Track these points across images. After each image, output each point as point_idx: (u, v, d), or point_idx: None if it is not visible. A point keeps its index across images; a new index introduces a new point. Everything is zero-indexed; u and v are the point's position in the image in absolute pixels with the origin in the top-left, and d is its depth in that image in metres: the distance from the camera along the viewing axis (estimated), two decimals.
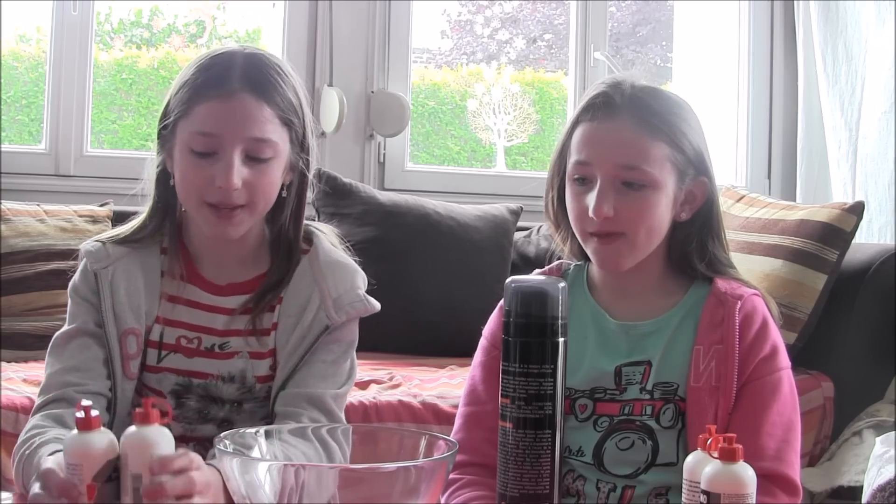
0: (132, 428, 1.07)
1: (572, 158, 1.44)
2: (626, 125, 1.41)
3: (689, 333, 1.44)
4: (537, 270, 1.57)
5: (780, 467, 1.37)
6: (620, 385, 1.42)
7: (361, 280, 1.50)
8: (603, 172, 1.41)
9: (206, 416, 1.44)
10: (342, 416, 1.45)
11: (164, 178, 1.46)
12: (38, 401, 1.42)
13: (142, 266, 1.46)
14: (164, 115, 1.44)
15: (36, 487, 1.06)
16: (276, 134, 1.41)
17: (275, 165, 1.42)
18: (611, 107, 1.42)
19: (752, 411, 1.39)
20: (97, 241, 1.50)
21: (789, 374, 1.44)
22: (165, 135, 1.44)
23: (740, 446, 1.07)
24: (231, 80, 1.40)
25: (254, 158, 1.39)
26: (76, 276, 1.49)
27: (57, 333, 1.47)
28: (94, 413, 1.06)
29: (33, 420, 1.39)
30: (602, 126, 1.42)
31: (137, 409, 1.08)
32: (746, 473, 1.06)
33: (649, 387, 1.42)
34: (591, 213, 1.40)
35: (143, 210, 1.50)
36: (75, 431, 1.06)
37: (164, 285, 1.47)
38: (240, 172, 1.38)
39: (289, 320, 1.45)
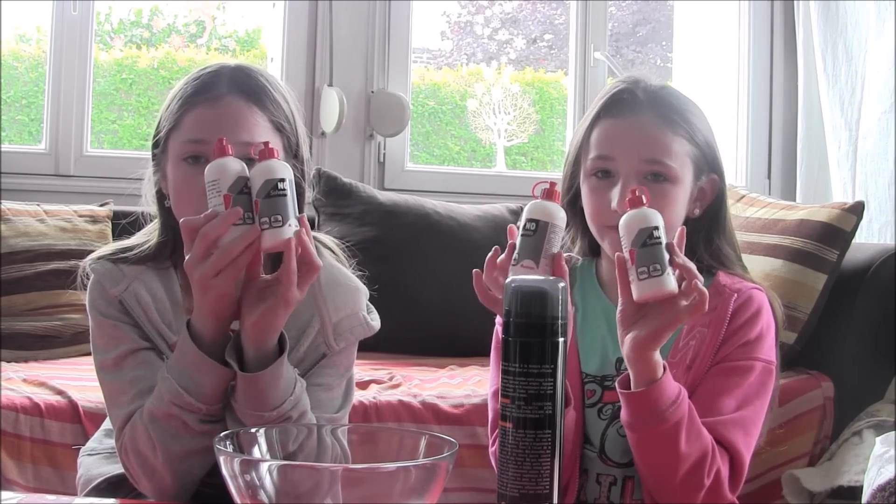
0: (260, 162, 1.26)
1: (592, 154, 1.46)
2: (650, 120, 1.44)
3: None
4: None
5: (726, 433, 1.36)
6: (619, 372, 1.45)
7: (364, 298, 1.48)
8: (627, 166, 1.43)
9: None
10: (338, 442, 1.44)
11: (161, 198, 1.45)
12: (118, 422, 1.37)
13: (161, 282, 1.44)
14: (156, 132, 1.44)
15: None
16: (268, 138, 1.39)
17: None
18: (633, 103, 1.45)
19: (711, 389, 1.40)
20: (104, 259, 1.45)
21: (767, 368, 1.44)
22: (158, 154, 1.44)
23: (644, 196, 1.25)
24: (219, 85, 1.39)
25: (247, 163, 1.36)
26: (95, 298, 1.43)
27: (103, 358, 1.41)
28: (226, 144, 1.27)
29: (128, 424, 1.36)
30: (626, 121, 1.45)
31: (260, 149, 1.26)
32: (655, 213, 1.25)
33: None
34: (614, 206, 1.41)
35: (152, 230, 1.48)
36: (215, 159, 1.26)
37: (187, 302, 1.44)
38: None
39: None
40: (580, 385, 1.46)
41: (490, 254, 1.32)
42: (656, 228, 1.23)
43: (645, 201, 1.26)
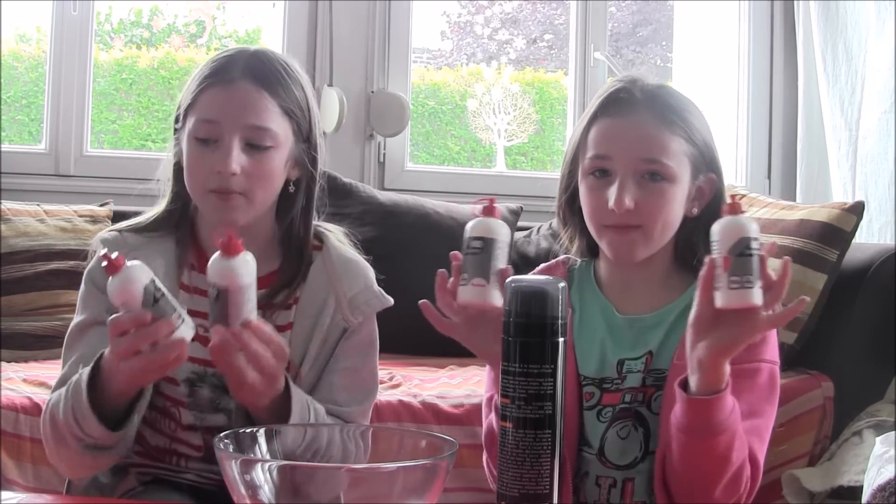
0: (216, 256, 1.18)
1: (589, 153, 1.46)
2: (647, 120, 1.43)
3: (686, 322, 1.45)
4: (543, 265, 1.58)
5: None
6: (621, 374, 1.45)
7: (373, 274, 1.53)
8: (624, 166, 1.42)
9: (218, 406, 1.44)
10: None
11: (179, 173, 1.49)
12: (53, 385, 1.43)
13: (160, 255, 1.47)
14: (177, 108, 1.48)
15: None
16: (277, 124, 1.43)
17: (275, 156, 1.44)
18: (630, 102, 1.44)
19: None
20: (113, 230, 1.51)
21: (772, 369, 1.43)
22: (178, 129, 1.48)
23: (741, 202, 1.18)
24: (233, 69, 1.43)
25: (254, 147, 1.41)
26: (93, 266, 1.48)
27: (71, 326, 1.48)
28: (116, 255, 1.18)
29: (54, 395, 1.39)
30: (622, 121, 1.44)
31: (220, 240, 1.18)
32: (751, 223, 1.18)
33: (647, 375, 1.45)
34: (611, 205, 1.41)
35: (161, 202, 1.52)
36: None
37: (182, 275, 1.49)
38: (238, 159, 1.40)
39: (306, 321, 1.46)
40: (577, 387, 1.46)
41: (437, 280, 1.29)
42: (755, 239, 1.18)
43: (744, 209, 1.21)
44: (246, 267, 1.19)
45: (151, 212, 1.53)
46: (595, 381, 1.46)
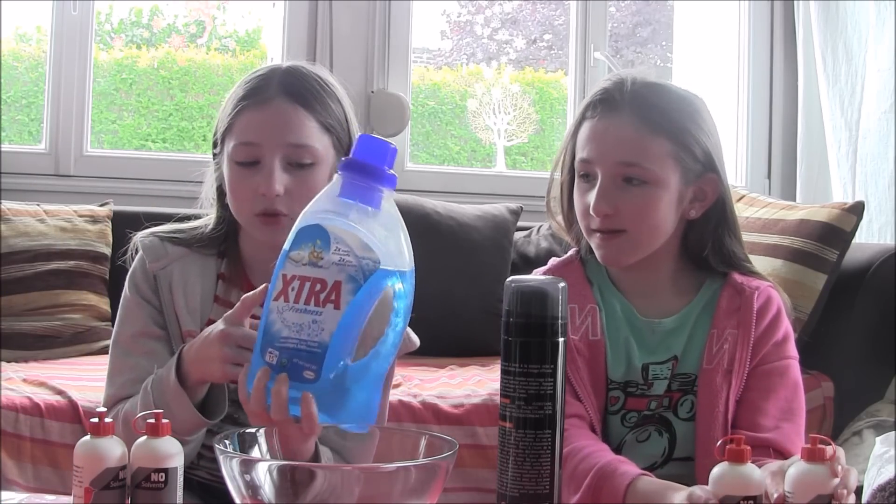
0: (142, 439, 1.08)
1: (578, 155, 1.45)
2: (627, 122, 1.40)
3: (707, 324, 1.45)
4: (555, 261, 1.55)
5: (777, 437, 1.37)
6: (647, 381, 1.43)
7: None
8: (603, 169, 1.41)
9: (237, 421, 1.44)
10: None
11: (222, 196, 1.48)
12: (105, 400, 1.42)
13: (200, 268, 1.47)
14: (214, 133, 1.48)
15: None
16: (316, 139, 1.42)
17: (317, 172, 1.43)
18: (611, 103, 1.42)
19: (756, 394, 1.40)
20: (154, 234, 1.49)
21: (797, 365, 1.45)
22: (217, 154, 1.48)
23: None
24: (267, 89, 1.42)
25: (295, 165, 1.41)
26: (136, 270, 1.48)
27: (120, 331, 1.46)
28: (108, 420, 1.08)
29: (113, 410, 1.39)
30: (602, 123, 1.42)
31: (149, 421, 1.08)
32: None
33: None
34: (591, 211, 1.41)
35: (209, 217, 1.51)
36: (88, 436, 1.08)
37: (219, 289, 1.48)
38: (281, 179, 1.39)
39: None
40: (605, 392, 1.44)
41: None
42: (840, 494, 1.03)
43: (829, 455, 1.04)
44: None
45: (197, 223, 1.51)
46: (620, 385, 1.44)
